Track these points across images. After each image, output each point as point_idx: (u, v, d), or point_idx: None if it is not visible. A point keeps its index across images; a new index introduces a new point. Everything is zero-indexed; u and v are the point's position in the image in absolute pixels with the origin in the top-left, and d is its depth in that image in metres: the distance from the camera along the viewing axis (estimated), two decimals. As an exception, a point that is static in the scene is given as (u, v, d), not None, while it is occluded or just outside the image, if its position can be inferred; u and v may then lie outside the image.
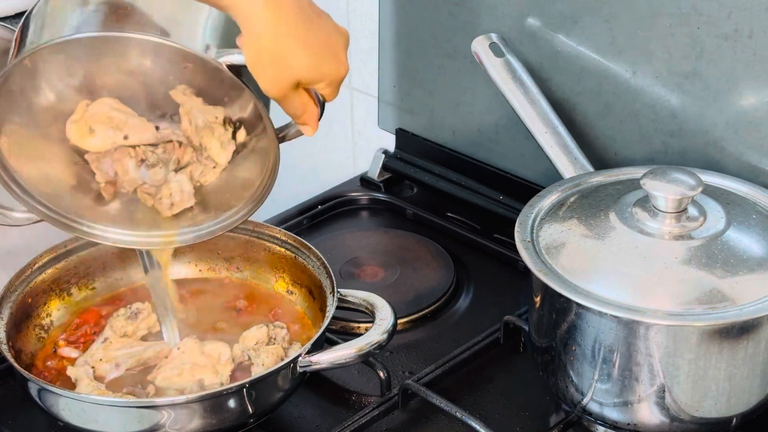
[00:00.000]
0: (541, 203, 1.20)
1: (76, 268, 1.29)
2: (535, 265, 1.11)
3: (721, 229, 1.11)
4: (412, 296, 1.38)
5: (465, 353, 1.26)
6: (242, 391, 1.10)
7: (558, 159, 1.28)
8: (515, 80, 1.34)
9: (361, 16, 1.64)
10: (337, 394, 1.24)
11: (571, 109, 1.40)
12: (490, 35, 1.37)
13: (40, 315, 1.26)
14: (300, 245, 1.29)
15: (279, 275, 1.31)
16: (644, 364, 1.07)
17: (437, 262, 1.44)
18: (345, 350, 1.14)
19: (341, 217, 1.58)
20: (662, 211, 1.11)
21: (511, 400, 1.22)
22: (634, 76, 1.33)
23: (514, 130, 1.44)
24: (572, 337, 1.10)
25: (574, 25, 1.36)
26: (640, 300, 1.06)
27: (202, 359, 1.17)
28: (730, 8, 1.22)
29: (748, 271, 1.08)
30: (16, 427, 1.20)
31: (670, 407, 1.09)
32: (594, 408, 1.13)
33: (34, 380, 1.10)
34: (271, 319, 1.26)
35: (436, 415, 1.20)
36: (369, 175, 1.64)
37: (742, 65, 1.23)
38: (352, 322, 1.32)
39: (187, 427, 1.10)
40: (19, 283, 1.23)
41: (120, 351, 1.19)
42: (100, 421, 1.10)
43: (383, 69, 1.62)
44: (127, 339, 1.21)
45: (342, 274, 1.41)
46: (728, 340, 1.05)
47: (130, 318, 1.21)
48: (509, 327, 1.28)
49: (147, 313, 1.22)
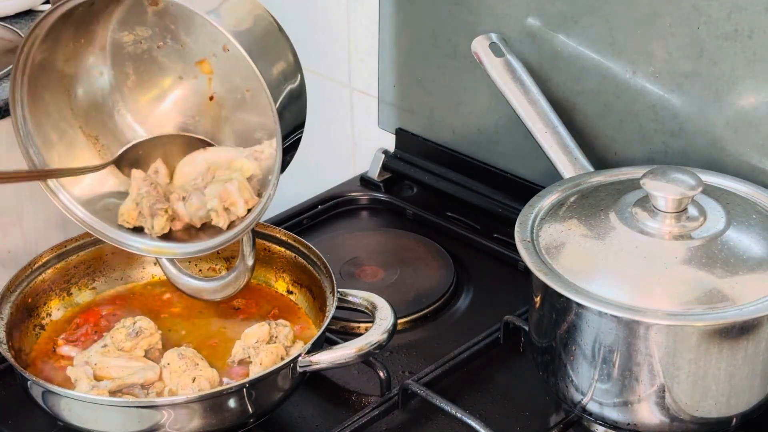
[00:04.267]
0: (541, 203, 1.20)
1: (76, 268, 1.29)
2: (535, 265, 1.11)
3: (721, 229, 1.11)
4: (412, 296, 1.38)
5: (465, 353, 1.26)
6: (242, 391, 1.10)
7: (558, 159, 1.28)
8: (515, 80, 1.34)
9: (361, 16, 1.64)
10: (337, 394, 1.24)
11: (571, 109, 1.40)
12: (490, 35, 1.38)
13: (40, 315, 1.26)
14: (300, 245, 1.29)
15: (279, 275, 1.31)
16: (644, 364, 1.07)
17: (437, 262, 1.44)
18: (345, 350, 1.14)
19: (341, 217, 1.58)
20: (662, 211, 1.11)
21: (511, 400, 1.22)
22: (634, 76, 1.33)
23: (514, 130, 1.44)
24: (572, 337, 1.10)
25: (574, 25, 1.36)
26: (640, 300, 1.06)
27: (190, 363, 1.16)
28: (730, 8, 1.22)
29: (748, 271, 1.08)
30: (16, 427, 1.20)
31: (670, 407, 1.09)
32: (594, 408, 1.13)
33: (34, 380, 1.10)
34: (270, 320, 1.26)
35: (436, 415, 1.20)
36: (369, 175, 1.64)
37: (742, 65, 1.23)
38: (352, 322, 1.32)
39: (187, 427, 1.10)
40: (19, 283, 1.23)
41: (115, 362, 1.19)
42: (100, 421, 1.10)
43: (383, 69, 1.62)
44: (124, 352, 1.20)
45: (342, 274, 1.41)
46: (728, 340, 1.05)
47: (130, 335, 1.20)
48: (509, 327, 1.28)
49: (149, 332, 1.21)
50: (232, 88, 1.24)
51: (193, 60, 1.24)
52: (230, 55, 1.19)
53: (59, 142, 1.24)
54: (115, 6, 1.20)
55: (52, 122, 1.23)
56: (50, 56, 1.19)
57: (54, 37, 1.17)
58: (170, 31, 1.22)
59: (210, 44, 1.22)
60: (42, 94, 1.21)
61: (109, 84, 1.26)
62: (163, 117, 1.28)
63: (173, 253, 1.25)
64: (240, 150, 1.24)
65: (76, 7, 1.13)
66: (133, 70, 1.26)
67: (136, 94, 1.27)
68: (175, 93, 1.27)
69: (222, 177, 1.22)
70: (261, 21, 1.14)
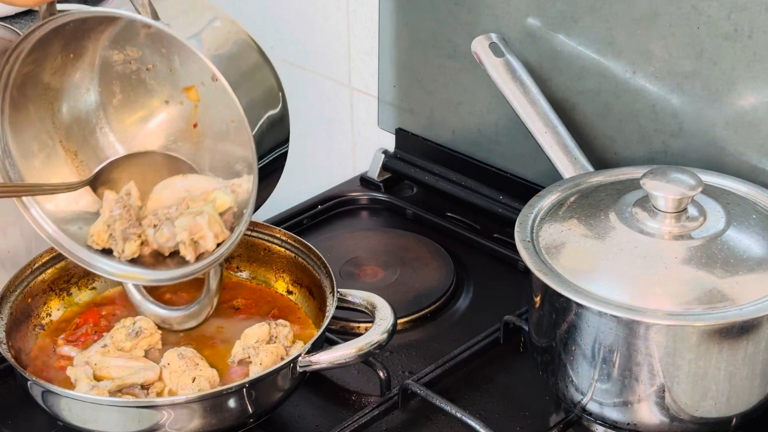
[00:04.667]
0: (541, 203, 1.20)
1: (76, 268, 1.28)
2: (535, 265, 1.11)
3: (721, 229, 1.11)
4: (412, 296, 1.38)
5: (465, 353, 1.26)
6: (242, 391, 1.10)
7: (558, 159, 1.28)
8: (515, 80, 1.34)
9: (361, 16, 1.64)
10: (337, 394, 1.24)
11: (571, 109, 1.40)
12: (490, 35, 1.38)
13: (40, 315, 1.26)
14: (300, 245, 1.29)
15: (279, 275, 1.31)
16: (644, 364, 1.07)
17: (437, 262, 1.44)
18: (345, 350, 1.14)
19: (341, 217, 1.58)
20: (662, 211, 1.11)
21: (511, 400, 1.22)
22: (634, 76, 1.33)
23: (514, 130, 1.44)
24: (572, 337, 1.10)
25: (574, 25, 1.36)
26: (640, 300, 1.06)
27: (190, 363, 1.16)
28: (730, 8, 1.22)
29: (748, 271, 1.08)
30: (16, 427, 1.20)
31: (670, 407, 1.09)
32: (594, 408, 1.13)
33: (34, 380, 1.10)
34: (270, 320, 1.25)
35: (436, 415, 1.20)
36: (369, 175, 1.64)
37: (742, 65, 1.23)
38: (352, 322, 1.32)
39: (187, 427, 1.10)
40: (19, 283, 1.23)
41: (115, 362, 1.19)
42: (100, 421, 1.10)
43: (383, 69, 1.62)
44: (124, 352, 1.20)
45: (342, 274, 1.41)
46: (728, 340, 1.05)
47: (130, 335, 1.20)
48: (509, 327, 1.28)
49: (149, 332, 1.21)
50: (216, 118, 1.23)
51: (180, 86, 1.23)
52: (217, 85, 1.17)
53: (38, 154, 1.22)
54: (108, 24, 1.19)
55: (32, 133, 1.21)
56: (37, 68, 1.18)
57: (43, 48, 1.16)
58: (161, 55, 1.21)
59: (199, 72, 1.21)
60: (25, 105, 1.20)
61: (95, 101, 1.24)
62: (146, 138, 1.26)
63: (141, 279, 1.23)
64: (219, 181, 1.23)
65: (67, 22, 1.13)
66: (120, 89, 1.24)
67: (120, 114, 1.26)
68: (160, 116, 1.26)
69: (194, 209, 1.21)
70: (244, 47, 1.12)
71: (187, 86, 1.23)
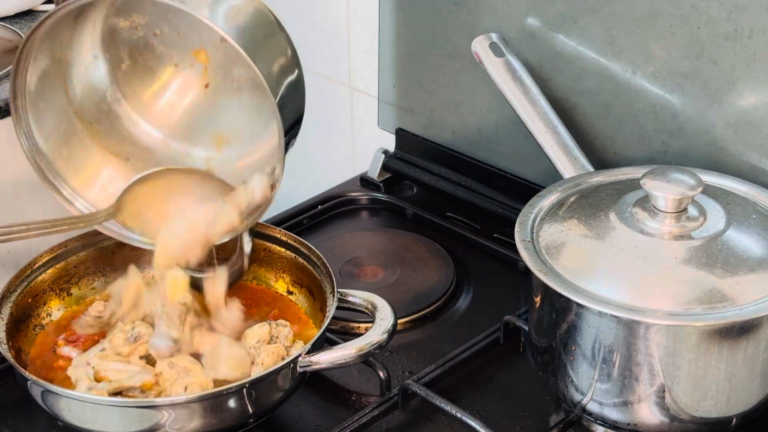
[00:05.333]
0: (541, 203, 1.20)
1: (76, 268, 1.29)
2: (535, 265, 1.11)
3: (721, 229, 1.11)
4: (412, 296, 1.38)
5: (465, 353, 1.26)
6: (242, 391, 1.10)
7: (558, 159, 1.28)
8: (515, 80, 1.34)
9: (361, 16, 1.65)
10: (337, 394, 1.24)
11: (571, 109, 1.40)
12: (490, 35, 1.38)
13: (40, 315, 1.26)
14: (300, 245, 1.28)
15: (279, 275, 1.31)
16: (644, 364, 1.07)
17: (437, 262, 1.44)
18: (345, 350, 1.14)
19: (341, 217, 1.58)
20: (662, 211, 1.11)
21: (511, 400, 1.23)
22: (634, 76, 1.33)
23: (514, 130, 1.44)
24: (572, 337, 1.10)
25: (574, 25, 1.36)
26: (640, 300, 1.06)
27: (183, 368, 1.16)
28: (730, 8, 1.22)
29: (748, 271, 1.08)
30: (16, 427, 1.20)
31: (670, 407, 1.09)
32: (594, 408, 1.13)
33: (34, 380, 1.10)
34: (270, 320, 1.25)
35: (436, 415, 1.20)
36: (369, 175, 1.64)
37: (742, 65, 1.23)
38: (352, 322, 1.32)
39: (187, 427, 1.10)
40: (19, 283, 1.23)
41: (113, 365, 1.18)
42: (100, 421, 1.10)
43: (383, 69, 1.62)
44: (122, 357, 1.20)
45: (342, 274, 1.41)
46: (728, 340, 1.05)
47: (128, 340, 1.20)
48: (509, 327, 1.28)
49: (147, 337, 1.21)
50: (228, 77, 1.24)
51: (189, 49, 1.24)
52: (227, 45, 1.19)
53: (57, 130, 1.24)
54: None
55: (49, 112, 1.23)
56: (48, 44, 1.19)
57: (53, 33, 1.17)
58: (167, 20, 1.22)
59: (207, 34, 1.22)
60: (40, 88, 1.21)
61: (104, 69, 1.26)
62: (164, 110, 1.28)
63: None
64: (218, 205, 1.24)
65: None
66: (128, 55, 1.26)
67: (132, 81, 1.27)
68: (174, 84, 1.27)
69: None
70: (259, 15, 1.14)
71: (197, 49, 1.24)
